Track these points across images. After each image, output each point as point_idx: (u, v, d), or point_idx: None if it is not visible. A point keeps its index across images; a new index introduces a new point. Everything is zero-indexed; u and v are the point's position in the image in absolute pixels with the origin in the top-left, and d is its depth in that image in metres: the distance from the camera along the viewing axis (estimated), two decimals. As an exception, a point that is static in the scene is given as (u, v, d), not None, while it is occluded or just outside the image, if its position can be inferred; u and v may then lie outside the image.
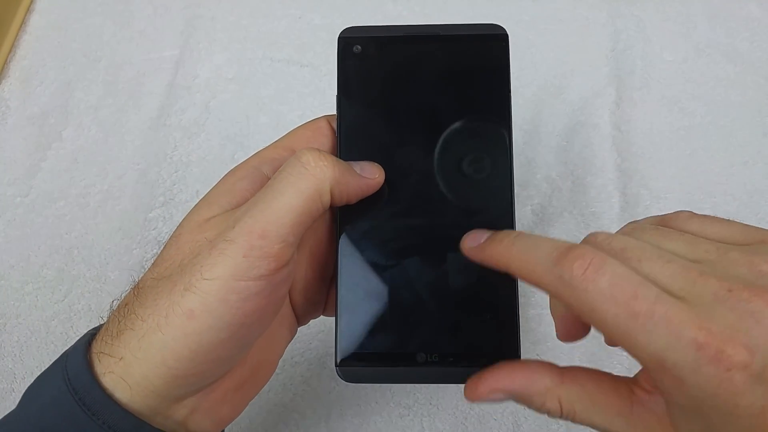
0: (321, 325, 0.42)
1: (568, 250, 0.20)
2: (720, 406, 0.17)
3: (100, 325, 0.24)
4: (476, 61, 0.27)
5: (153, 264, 0.24)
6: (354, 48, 0.27)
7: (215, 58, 0.52)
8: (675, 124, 0.49)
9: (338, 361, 0.25)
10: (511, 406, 0.40)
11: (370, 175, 0.25)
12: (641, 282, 0.18)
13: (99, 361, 0.22)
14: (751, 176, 0.47)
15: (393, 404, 0.40)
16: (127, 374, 0.22)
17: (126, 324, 0.22)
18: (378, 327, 0.25)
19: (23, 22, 0.54)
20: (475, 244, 0.24)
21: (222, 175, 0.48)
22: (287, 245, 0.22)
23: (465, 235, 0.25)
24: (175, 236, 0.24)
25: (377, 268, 0.26)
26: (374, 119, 0.26)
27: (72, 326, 0.42)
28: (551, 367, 0.23)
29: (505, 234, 0.23)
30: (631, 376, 0.22)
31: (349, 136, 0.26)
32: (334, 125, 0.27)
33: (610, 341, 0.21)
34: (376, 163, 0.26)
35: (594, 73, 0.51)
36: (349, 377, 0.25)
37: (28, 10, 0.54)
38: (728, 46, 0.52)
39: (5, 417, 0.23)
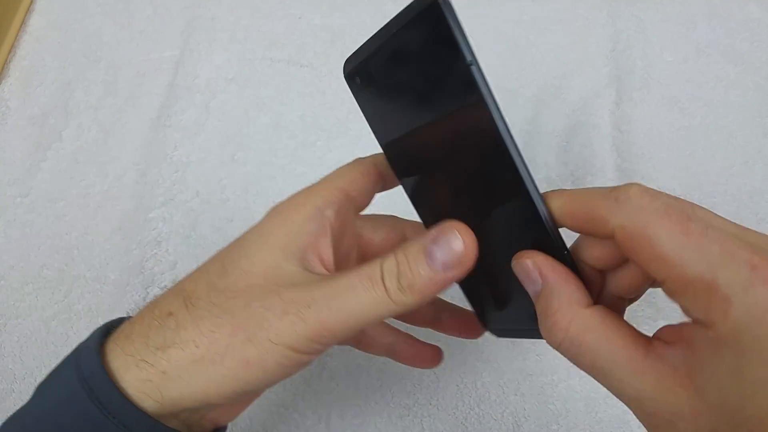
0: (321, 325, 0.42)
1: (626, 185, 0.20)
2: (763, 337, 0.17)
3: (117, 321, 0.26)
4: (425, 47, 0.24)
5: (210, 274, 0.25)
6: (356, 80, 0.26)
7: (215, 58, 0.52)
8: (675, 124, 0.49)
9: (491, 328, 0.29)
10: (512, 406, 0.40)
11: (451, 268, 0.23)
12: (693, 213, 0.19)
13: (137, 366, 0.23)
14: (751, 176, 0.47)
15: (393, 404, 0.40)
16: (166, 388, 0.23)
17: (175, 340, 0.23)
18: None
19: (23, 23, 0.54)
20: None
21: (221, 174, 0.48)
22: (342, 338, 0.24)
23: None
24: (245, 266, 0.24)
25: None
26: (404, 138, 0.26)
27: (72, 326, 0.42)
28: (585, 292, 0.22)
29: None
30: None
31: (398, 163, 0.27)
32: (379, 167, 0.28)
33: (656, 271, 0.20)
34: (459, 231, 0.23)
35: (594, 74, 0.51)
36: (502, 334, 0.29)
37: (28, 11, 0.54)
38: (728, 47, 0.52)
39: (18, 412, 0.24)
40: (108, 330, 0.25)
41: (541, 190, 0.24)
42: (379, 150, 0.27)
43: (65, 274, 0.44)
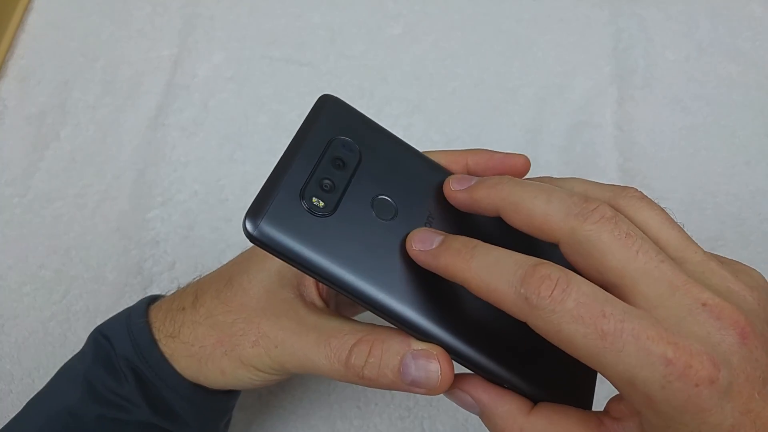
0: (320, 326, 0.42)
1: (533, 269, 0.19)
2: (689, 422, 0.17)
3: (156, 298, 0.31)
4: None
5: (219, 281, 0.28)
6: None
7: (214, 57, 0.52)
8: (677, 123, 0.49)
9: None
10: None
11: (418, 388, 0.23)
12: (607, 299, 0.18)
13: (161, 342, 0.28)
14: (754, 176, 0.46)
15: (393, 406, 0.40)
16: (173, 363, 0.28)
17: (179, 334, 0.28)
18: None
19: (21, 21, 0.54)
20: (424, 247, 0.22)
21: (220, 174, 0.47)
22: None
23: (411, 234, 0.23)
24: (245, 283, 0.27)
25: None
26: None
27: (70, 327, 0.42)
28: (523, 400, 0.23)
29: (461, 244, 0.21)
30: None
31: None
32: None
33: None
34: (441, 363, 0.22)
35: (596, 73, 0.51)
36: None
37: (27, 9, 0.54)
38: (730, 46, 0.51)
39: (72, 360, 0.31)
40: (151, 300, 0.30)
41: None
42: None
43: (63, 274, 0.44)
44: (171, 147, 0.48)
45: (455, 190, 0.24)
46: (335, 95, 0.25)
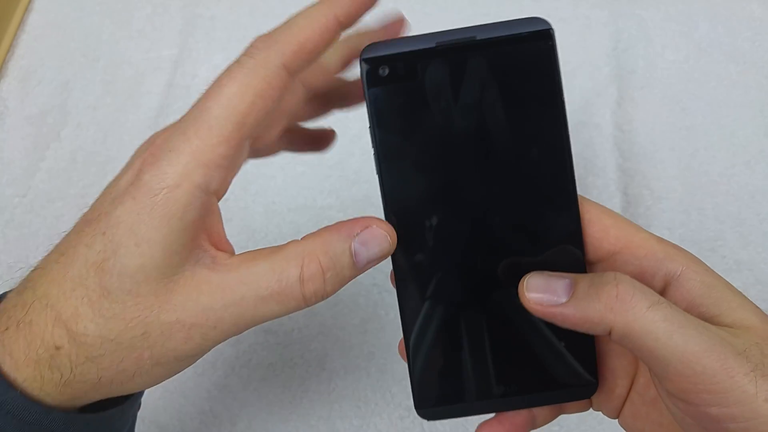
0: (320, 326, 0.42)
1: None
2: None
3: None
4: (522, 70, 0.25)
5: (89, 290, 0.21)
6: (380, 70, 0.24)
7: (214, 57, 0.52)
8: (677, 123, 0.49)
9: (417, 403, 0.25)
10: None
11: (373, 263, 0.23)
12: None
13: (42, 390, 0.21)
14: (753, 176, 0.46)
15: (393, 406, 0.40)
16: (77, 401, 0.22)
17: (75, 378, 0.21)
18: (451, 367, 0.25)
19: (22, 22, 0.54)
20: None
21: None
22: None
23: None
24: (130, 286, 0.21)
25: (442, 310, 0.25)
26: (418, 148, 0.24)
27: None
28: None
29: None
30: None
31: (394, 171, 0.24)
32: (292, 67, 0.23)
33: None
34: (383, 228, 0.23)
35: (595, 73, 0.51)
36: (429, 416, 0.26)
37: (27, 10, 0.54)
38: (730, 46, 0.51)
39: None
40: None
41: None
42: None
43: (64, 274, 0.44)
44: (171, 147, 0.48)
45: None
46: None
